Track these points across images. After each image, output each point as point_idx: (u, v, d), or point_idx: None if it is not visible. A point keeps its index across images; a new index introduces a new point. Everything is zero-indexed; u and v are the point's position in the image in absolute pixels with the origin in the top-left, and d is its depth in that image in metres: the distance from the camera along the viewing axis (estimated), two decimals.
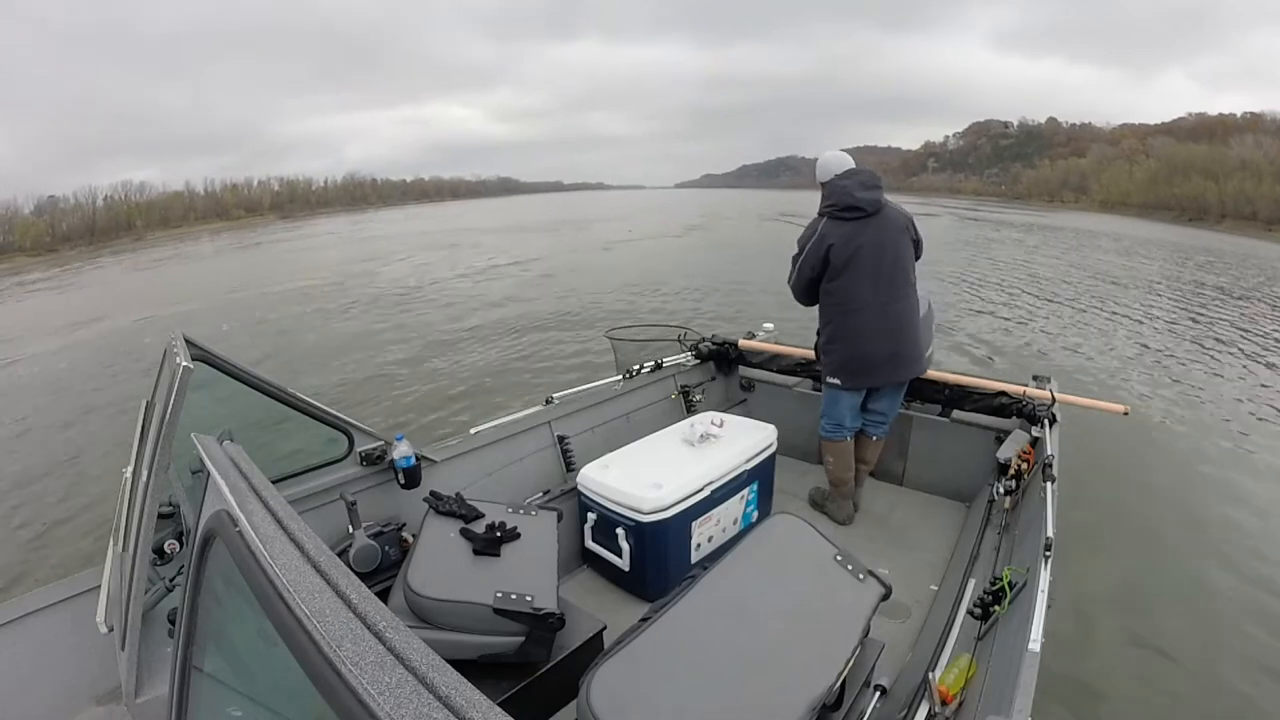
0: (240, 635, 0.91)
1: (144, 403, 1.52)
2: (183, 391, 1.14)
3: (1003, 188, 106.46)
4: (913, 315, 2.49)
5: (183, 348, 1.30)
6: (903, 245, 2.44)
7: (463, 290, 12.65)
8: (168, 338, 1.43)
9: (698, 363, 3.46)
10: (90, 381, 7.64)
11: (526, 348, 7.90)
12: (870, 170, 2.45)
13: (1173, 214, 52.70)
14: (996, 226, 28.50)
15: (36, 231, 72.63)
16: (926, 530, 2.63)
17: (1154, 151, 70.27)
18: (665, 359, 3.32)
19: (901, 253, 2.43)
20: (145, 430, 1.39)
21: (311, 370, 7.29)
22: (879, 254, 2.38)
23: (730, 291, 11.10)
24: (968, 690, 1.41)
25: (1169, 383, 6.39)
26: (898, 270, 2.41)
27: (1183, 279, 14.17)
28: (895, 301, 2.42)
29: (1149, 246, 22.17)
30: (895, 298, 2.42)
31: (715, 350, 3.48)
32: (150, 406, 1.46)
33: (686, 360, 3.43)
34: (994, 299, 10.75)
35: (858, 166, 2.47)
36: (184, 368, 1.15)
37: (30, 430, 6.10)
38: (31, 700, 1.42)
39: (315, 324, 10.08)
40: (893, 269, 2.40)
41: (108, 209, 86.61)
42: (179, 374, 1.15)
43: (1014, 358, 7.16)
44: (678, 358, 3.40)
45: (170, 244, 48.59)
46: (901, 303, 2.44)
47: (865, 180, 2.39)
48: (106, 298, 17.16)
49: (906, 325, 2.47)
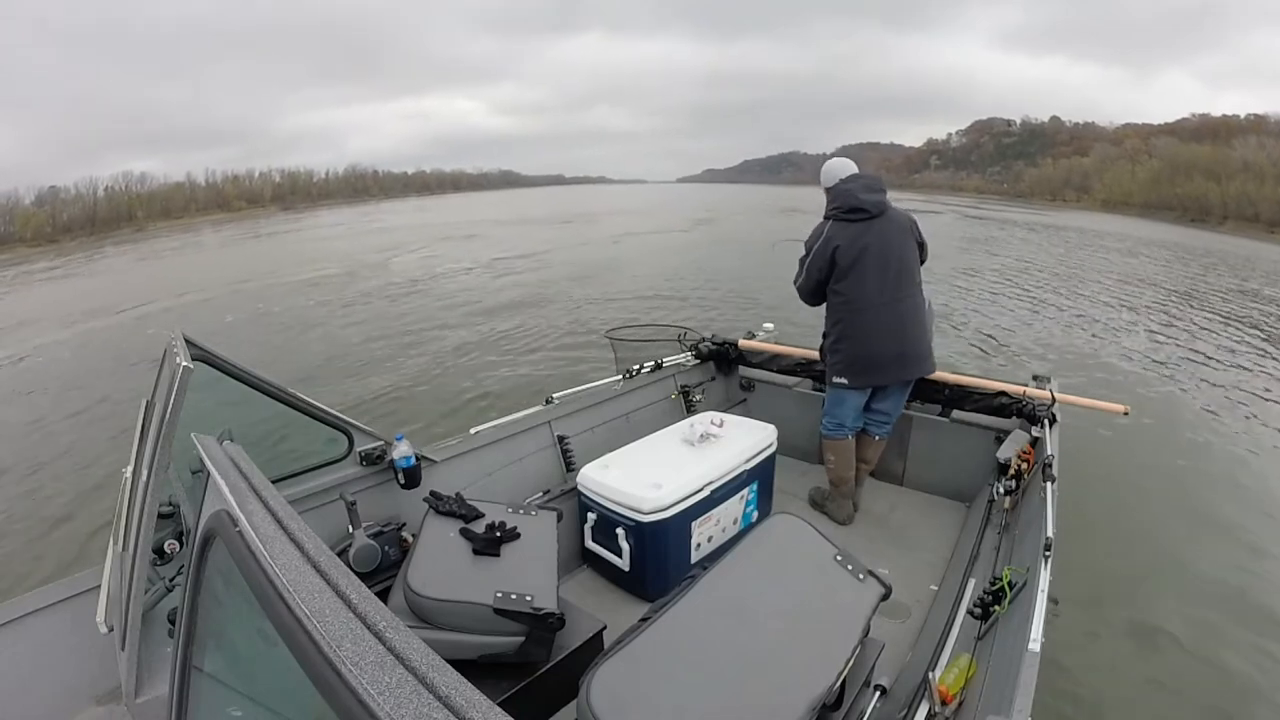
0: (240, 635, 0.91)
1: (144, 402, 1.52)
2: (183, 391, 1.14)
3: (1005, 186, 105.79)
4: (919, 314, 2.52)
5: (183, 347, 1.30)
6: (907, 246, 2.48)
7: (491, 283, 12.78)
8: (168, 337, 1.42)
9: (698, 363, 3.46)
10: (97, 375, 7.57)
11: (561, 339, 7.94)
12: (873, 174, 2.50)
13: (1175, 214, 52.32)
14: (1001, 225, 28.42)
15: (37, 222, 72.38)
16: (926, 530, 2.63)
17: (1157, 151, 69.83)
18: (665, 359, 3.33)
19: (906, 253, 2.47)
20: (145, 430, 1.39)
21: (359, 370, 7.08)
22: (884, 254, 2.41)
23: (748, 291, 10.74)
24: (968, 690, 1.41)
25: (1170, 383, 6.39)
26: (903, 270, 2.45)
27: (1192, 281, 14.08)
28: (901, 301, 2.45)
29: (1151, 247, 22.12)
30: (901, 297, 2.44)
31: (715, 350, 3.48)
32: (150, 406, 1.46)
33: (686, 360, 3.43)
34: (1007, 297, 10.74)
35: (861, 172, 2.52)
36: (184, 368, 1.15)
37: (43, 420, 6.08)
38: (31, 700, 1.42)
39: (345, 316, 10.06)
40: (898, 268, 2.44)
41: (109, 199, 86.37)
42: (179, 374, 1.15)
43: (1022, 355, 7.15)
44: (678, 358, 3.40)
45: (176, 235, 48.47)
46: (907, 302, 2.46)
47: (869, 184, 2.44)
48: (113, 288, 17.06)
49: (912, 324, 2.50)
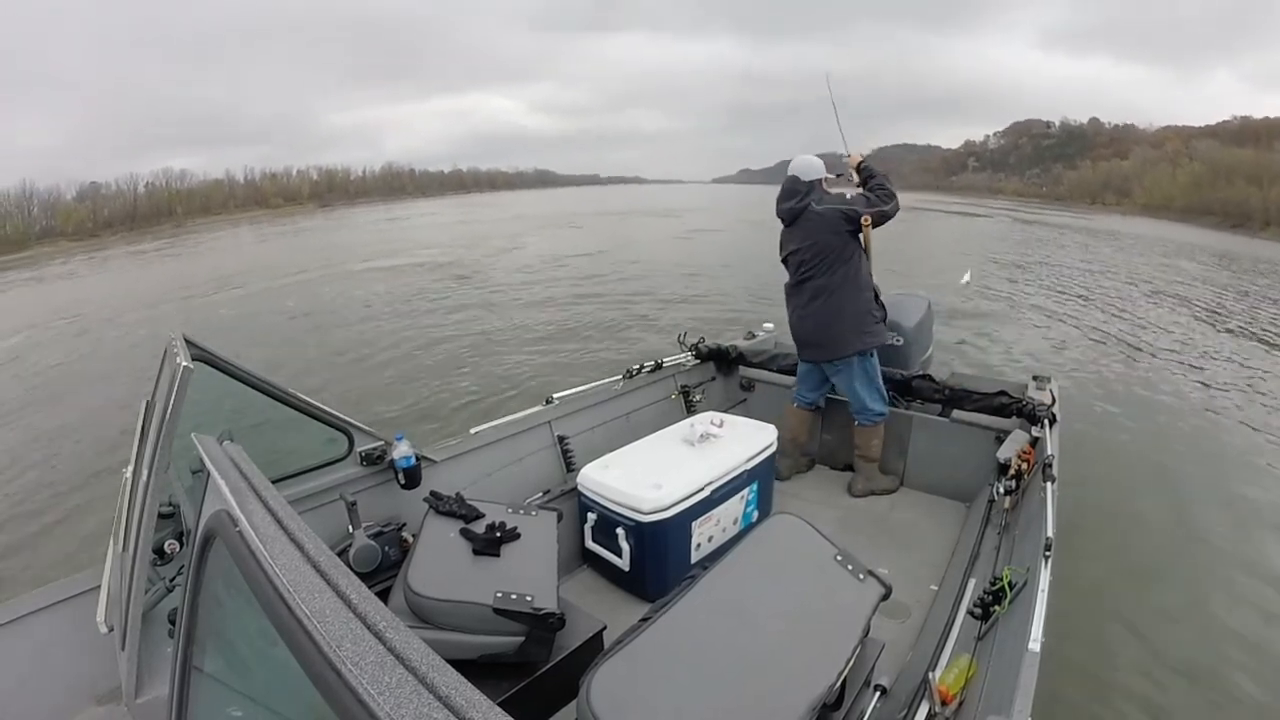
0: (240, 635, 0.91)
1: (144, 402, 1.52)
2: (183, 391, 1.14)
3: (1044, 189, 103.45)
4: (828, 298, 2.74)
5: (183, 347, 1.30)
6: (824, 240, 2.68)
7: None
8: (168, 337, 1.42)
9: (698, 363, 3.46)
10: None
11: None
12: (789, 177, 2.77)
13: (1215, 219, 50.04)
14: (1059, 230, 28.20)
15: (79, 217, 72.92)
16: (927, 530, 2.63)
17: (1197, 154, 68.04)
18: (665, 359, 3.33)
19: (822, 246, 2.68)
20: (145, 430, 1.39)
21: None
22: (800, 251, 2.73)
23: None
24: (968, 690, 1.41)
25: (1171, 380, 6.40)
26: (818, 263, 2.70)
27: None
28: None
29: (1196, 252, 21.85)
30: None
31: (715, 350, 3.49)
32: (150, 406, 1.46)
33: (686, 360, 3.43)
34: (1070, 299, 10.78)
35: (791, 174, 2.77)
36: (184, 368, 1.15)
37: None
38: (31, 700, 1.43)
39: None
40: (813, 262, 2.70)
41: (149, 196, 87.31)
42: (179, 374, 1.15)
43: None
44: (678, 357, 3.40)
45: (223, 228, 49.60)
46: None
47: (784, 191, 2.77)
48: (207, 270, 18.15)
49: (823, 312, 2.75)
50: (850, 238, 2.66)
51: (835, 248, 2.66)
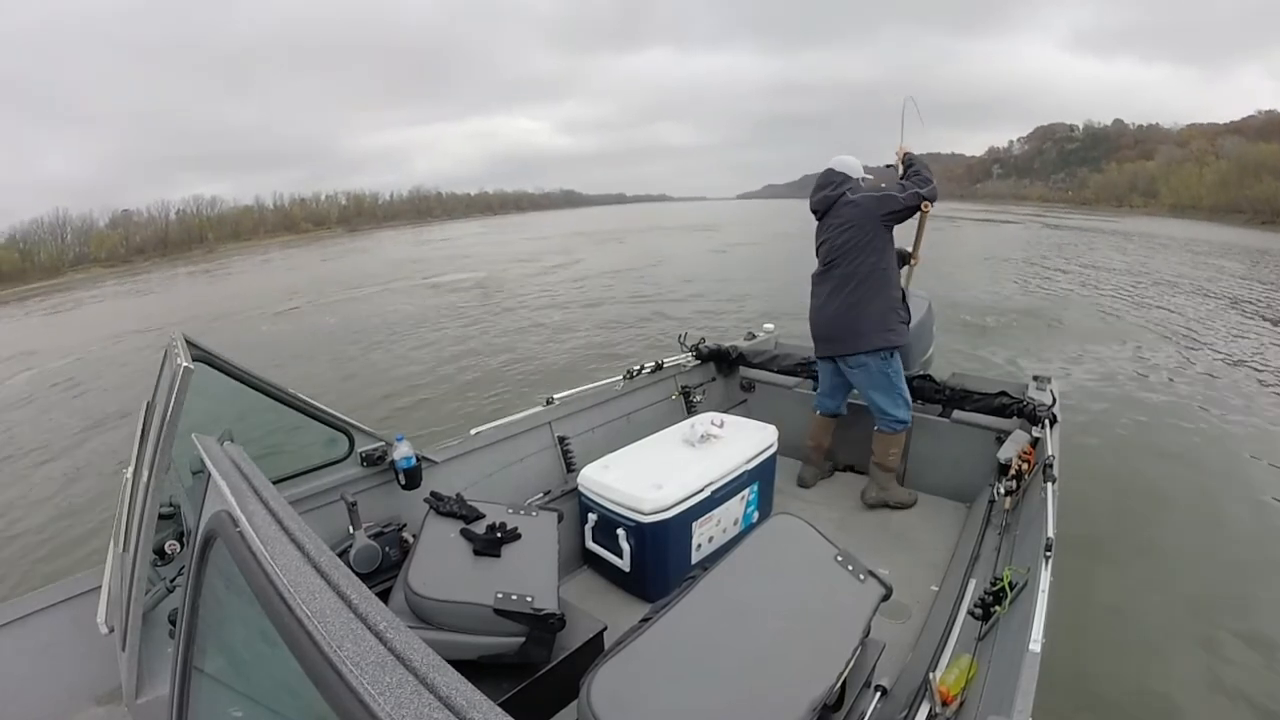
0: (241, 636, 0.91)
1: (145, 403, 1.52)
2: (183, 392, 1.14)
3: (1069, 193, 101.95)
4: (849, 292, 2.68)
5: (183, 348, 1.30)
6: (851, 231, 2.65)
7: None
8: (168, 338, 1.42)
9: (698, 363, 3.46)
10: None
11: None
12: (826, 170, 2.77)
13: (1244, 217, 48.96)
14: (1090, 234, 27.91)
15: (111, 243, 74.85)
16: (927, 530, 2.62)
17: (1223, 152, 66.56)
18: (666, 359, 3.32)
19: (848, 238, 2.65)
20: (146, 431, 1.39)
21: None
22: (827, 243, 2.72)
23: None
24: (968, 691, 1.41)
25: (1172, 382, 6.39)
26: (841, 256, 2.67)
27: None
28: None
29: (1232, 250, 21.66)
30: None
31: (716, 351, 3.49)
32: (151, 407, 1.46)
33: (687, 360, 3.43)
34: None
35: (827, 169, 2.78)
36: (184, 368, 1.15)
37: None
38: (32, 700, 1.43)
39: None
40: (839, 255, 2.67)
41: (180, 222, 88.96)
42: (179, 374, 1.15)
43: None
44: (678, 358, 3.40)
45: (256, 253, 51.00)
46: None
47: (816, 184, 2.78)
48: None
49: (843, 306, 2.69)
50: (883, 229, 2.60)
51: (865, 238, 2.60)
